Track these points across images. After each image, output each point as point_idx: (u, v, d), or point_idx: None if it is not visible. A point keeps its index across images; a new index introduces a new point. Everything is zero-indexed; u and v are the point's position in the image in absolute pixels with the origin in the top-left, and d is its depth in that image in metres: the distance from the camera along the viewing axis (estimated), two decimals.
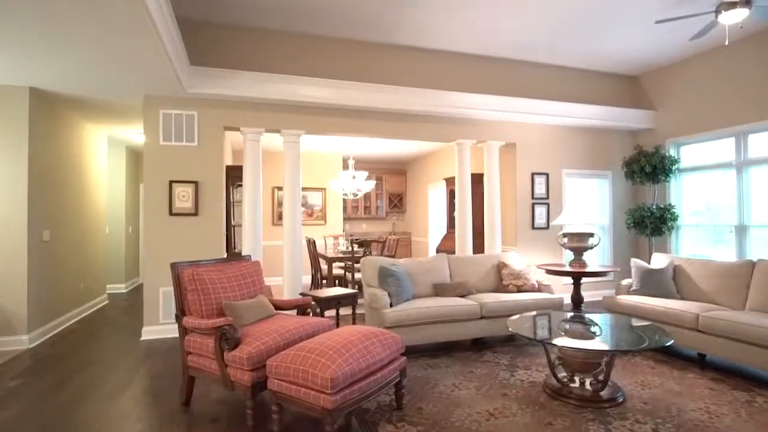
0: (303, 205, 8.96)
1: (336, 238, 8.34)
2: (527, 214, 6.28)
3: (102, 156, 6.82)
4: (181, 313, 3.07)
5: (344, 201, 9.98)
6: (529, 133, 6.32)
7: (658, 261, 4.58)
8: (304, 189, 8.90)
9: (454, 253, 6.15)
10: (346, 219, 10.18)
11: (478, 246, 6.45)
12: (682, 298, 4.18)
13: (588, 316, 3.64)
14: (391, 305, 3.97)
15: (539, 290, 4.57)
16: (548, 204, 6.37)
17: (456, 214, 6.09)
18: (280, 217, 8.80)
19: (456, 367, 3.66)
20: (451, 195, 6.94)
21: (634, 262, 4.51)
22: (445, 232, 8.16)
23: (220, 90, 4.77)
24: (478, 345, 4.22)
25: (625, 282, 4.53)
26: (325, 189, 9.01)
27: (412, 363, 3.75)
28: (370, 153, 9.32)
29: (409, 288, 4.23)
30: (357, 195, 7.70)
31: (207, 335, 2.86)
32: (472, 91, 5.73)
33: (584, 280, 4.86)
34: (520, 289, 4.51)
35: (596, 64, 6.33)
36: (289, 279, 5.28)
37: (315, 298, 3.70)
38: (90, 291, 6.14)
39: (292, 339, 2.88)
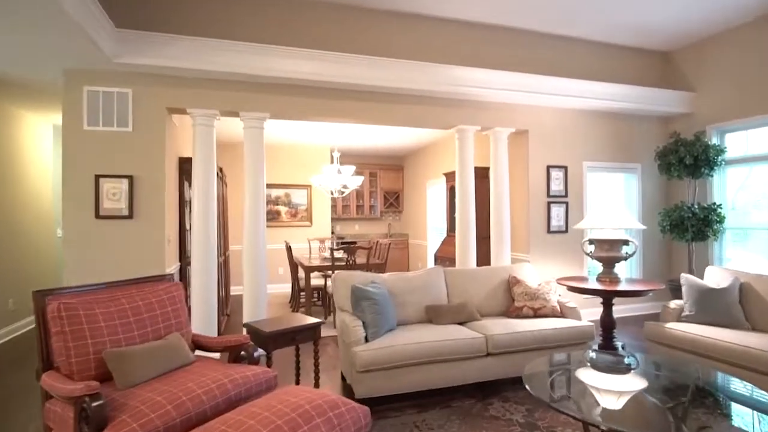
0: (286, 205, 7.99)
1: (322, 241, 7.37)
2: (542, 215, 5.26)
3: (47, 148, 5.87)
4: (44, 366, 2.09)
5: (334, 200, 8.99)
6: (544, 117, 5.29)
7: (716, 277, 3.55)
8: (286, 186, 7.94)
9: (454, 260, 5.15)
10: (336, 220, 9.20)
11: (483, 253, 5.44)
12: (753, 329, 3.16)
13: (638, 359, 2.62)
14: (366, 339, 2.98)
15: (562, 314, 3.55)
16: (567, 203, 5.35)
17: (456, 214, 5.09)
18: None
19: (453, 427, 2.66)
20: (452, 192, 5.93)
21: (686, 278, 3.48)
22: (445, 235, 7.15)
23: (160, 60, 3.78)
24: (484, 390, 3.20)
25: (673, 305, 3.50)
26: (310, 186, 8.04)
27: (392, 422, 2.75)
28: (363, 146, 8.33)
29: (392, 314, 3.23)
30: (344, 192, 6.70)
31: (70, 405, 1.88)
32: (477, 66, 4.71)
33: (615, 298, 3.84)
34: (537, 314, 3.50)
35: (622, 36, 5.28)
36: (249, 296, 4.30)
37: (255, 335, 2.72)
38: (25, 308, 5.18)
39: (198, 412, 1.90)
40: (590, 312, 5.04)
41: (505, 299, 3.71)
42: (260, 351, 2.57)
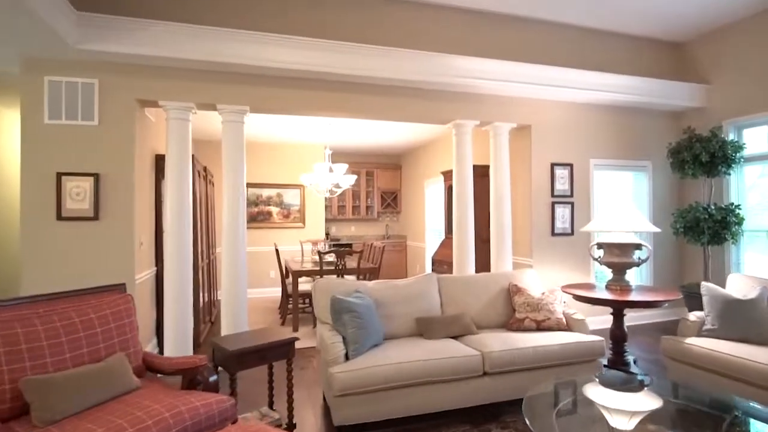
0: (278, 205, 7.65)
1: (315, 243, 7.04)
2: (545, 216, 4.90)
3: (13, 143, 5.56)
4: None
5: (329, 200, 8.66)
6: (548, 112, 4.93)
7: (740, 286, 3.18)
8: (278, 186, 7.61)
9: (452, 263, 4.79)
10: (331, 221, 8.87)
11: (483, 257, 5.09)
12: None
13: (652, 378, 2.27)
14: (347, 356, 2.63)
15: (568, 327, 3.19)
16: (572, 203, 4.99)
17: (454, 215, 4.73)
18: (251, 219, 7.50)
19: None
20: (450, 192, 5.57)
21: (708, 288, 3.11)
22: (443, 237, 6.80)
23: (128, 47, 3.45)
24: (480, 415, 2.84)
25: (693, 317, 3.14)
26: (303, 186, 7.70)
27: None
28: (359, 144, 7.99)
29: (378, 328, 2.88)
30: (336, 192, 6.36)
31: None
32: (476, 56, 4.35)
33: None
34: (540, 326, 3.15)
35: (632, 25, 4.92)
36: (228, 305, 3.96)
37: (216, 352, 2.37)
38: None
39: None
40: (597, 320, 4.69)
41: (506, 310, 3.36)
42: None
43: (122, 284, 2.47)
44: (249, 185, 7.46)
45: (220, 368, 2.39)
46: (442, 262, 5.83)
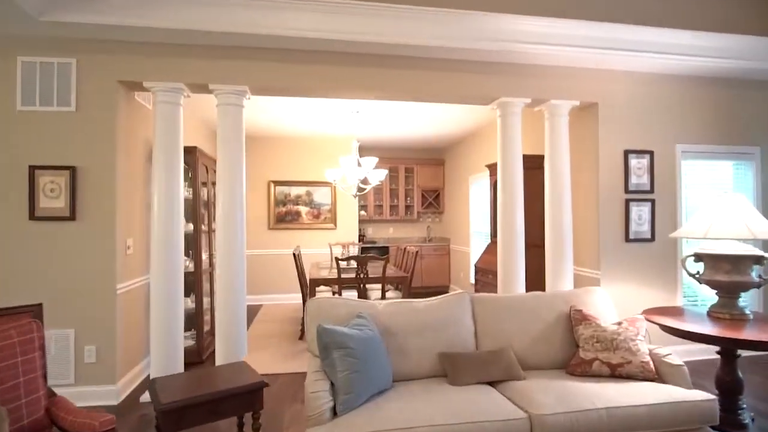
0: (307, 205, 7.08)
1: (346, 246, 6.38)
2: (617, 216, 3.89)
3: None
4: None
5: (364, 199, 7.98)
6: (620, 85, 3.92)
7: None
8: (307, 184, 7.04)
9: (496, 274, 3.91)
10: (367, 222, 8.18)
11: (535, 267, 4.16)
12: None
13: None
14: (335, 411, 1.89)
15: (658, 375, 2.25)
16: (653, 201, 3.93)
17: (498, 215, 3.86)
18: (278, 220, 6.99)
19: None
20: (496, 188, 4.67)
21: None
22: (488, 241, 5.89)
23: (104, 17, 2.93)
24: None
25: None
26: (334, 184, 7.07)
27: None
28: (395, 137, 7.23)
29: (384, 367, 2.11)
30: (364, 189, 5.66)
31: None
32: (525, 13, 3.45)
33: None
34: (616, 372, 2.23)
35: None
36: (223, 324, 3.35)
37: (157, 407, 1.72)
38: None
39: None
40: (677, 350, 3.62)
41: (565, 345, 2.47)
42: None
43: (37, 305, 1.88)
44: (276, 183, 6.96)
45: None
46: (486, 271, 4.94)
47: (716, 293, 2.68)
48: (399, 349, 2.30)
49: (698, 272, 2.76)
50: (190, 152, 4.07)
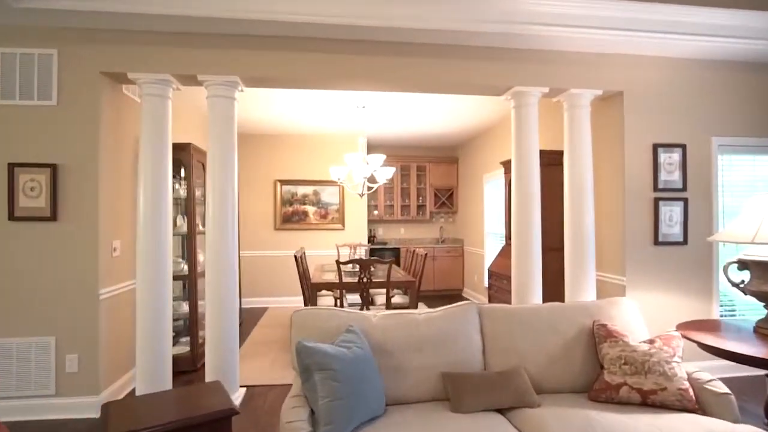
0: (314, 204, 6.84)
1: (354, 247, 6.13)
2: (645, 217, 3.53)
3: None
4: None
5: (374, 198, 7.71)
6: (648, 71, 3.55)
7: None
8: (314, 183, 6.80)
9: (511, 278, 3.59)
10: (377, 222, 7.91)
11: (554, 272, 3.83)
12: None
13: None
14: None
15: (697, 406, 1.91)
16: (685, 200, 3.55)
17: (513, 216, 3.54)
18: (285, 220, 6.77)
19: None
20: (510, 187, 4.33)
21: None
22: (503, 243, 5.56)
23: (84, 2, 2.71)
24: None
25: None
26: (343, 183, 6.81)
27: None
28: (406, 134, 6.94)
29: (376, 390, 1.83)
30: (372, 188, 5.39)
31: None
32: None
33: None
34: (648, 400, 1.90)
35: None
36: (214, 331, 3.12)
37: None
38: None
39: None
40: (708, 366, 3.24)
41: (587, 366, 2.15)
42: None
43: None
44: (282, 182, 6.75)
45: None
46: (500, 276, 4.62)
47: (765, 306, 2.32)
48: (394, 368, 2.01)
49: (742, 281, 2.40)
50: (184, 149, 3.88)
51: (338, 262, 3.85)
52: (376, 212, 7.75)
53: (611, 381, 1.98)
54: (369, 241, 7.62)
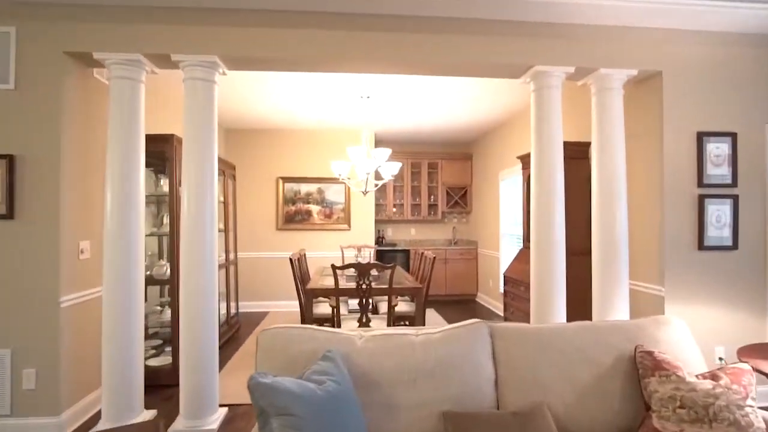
0: (318, 203, 6.47)
1: (359, 249, 5.72)
2: (687, 217, 3.04)
3: None
4: None
5: (383, 196, 7.31)
6: (691, 48, 3.06)
7: None
8: (319, 180, 6.43)
9: (529, 285, 3.13)
10: (386, 222, 7.50)
11: (576, 279, 3.36)
12: None
13: None
14: None
15: None
16: (736, 197, 3.05)
17: (532, 215, 3.08)
18: (287, 219, 6.42)
19: None
20: (529, 184, 3.87)
21: None
22: (520, 246, 5.10)
23: None
24: None
25: None
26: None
27: None
28: (416, 129, 6.52)
29: None
30: (377, 185, 4.98)
31: None
32: None
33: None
34: None
35: None
36: (188, 351, 2.76)
37: None
38: None
39: None
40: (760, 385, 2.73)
41: (627, 404, 1.70)
42: None
43: None
44: (285, 180, 6.40)
45: None
46: (517, 282, 4.16)
47: None
48: (382, 405, 1.60)
49: None
50: (167, 140, 3.54)
51: (334, 267, 3.45)
52: (394, 210, 7.34)
53: (663, 429, 1.53)
54: (377, 242, 7.22)
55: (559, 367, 1.75)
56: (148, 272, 3.74)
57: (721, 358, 2.98)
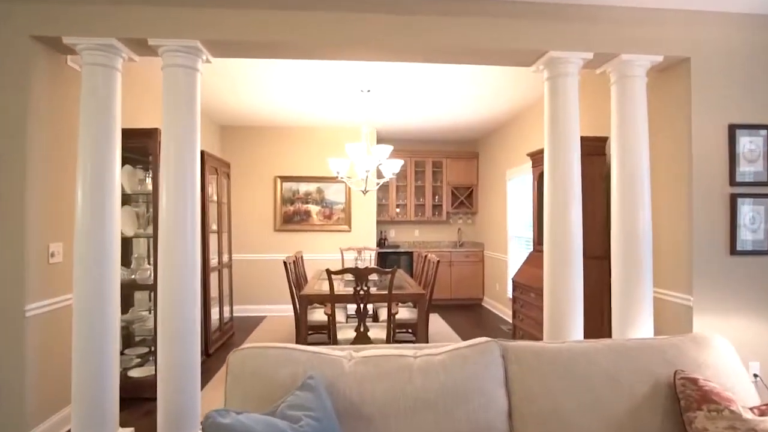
0: (318, 203, 6.22)
1: (360, 251, 5.48)
2: (718, 218, 2.74)
3: None
4: None
5: (385, 197, 7.05)
6: (723, 31, 2.77)
7: None
8: (318, 180, 6.18)
9: (541, 292, 2.85)
10: (388, 223, 7.24)
11: (593, 284, 3.08)
12: None
13: None
14: None
15: None
16: None
17: (545, 216, 2.81)
18: (285, 220, 6.17)
19: None
20: (540, 182, 3.59)
21: None
22: (530, 248, 4.83)
23: None
24: None
25: None
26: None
27: None
28: (420, 126, 6.25)
29: None
30: (378, 184, 4.72)
31: None
32: None
33: None
34: None
35: None
36: (166, 368, 2.51)
37: None
38: None
39: None
40: None
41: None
42: None
43: None
44: (283, 179, 6.15)
45: None
46: (527, 288, 3.88)
47: None
48: None
49: None
50: (149, 135, 3.30)
51: (329, 272, 3.18)
52: (398, 210, 7.08)
53: None
54: (379, 244, 6.96)
55: (583, 396, 1.48)
56: (132, 276, 3.52)
57: (756, 375, 2.69)
